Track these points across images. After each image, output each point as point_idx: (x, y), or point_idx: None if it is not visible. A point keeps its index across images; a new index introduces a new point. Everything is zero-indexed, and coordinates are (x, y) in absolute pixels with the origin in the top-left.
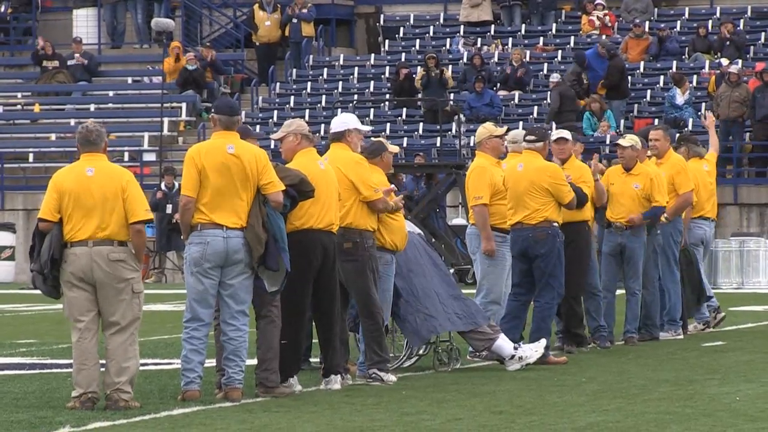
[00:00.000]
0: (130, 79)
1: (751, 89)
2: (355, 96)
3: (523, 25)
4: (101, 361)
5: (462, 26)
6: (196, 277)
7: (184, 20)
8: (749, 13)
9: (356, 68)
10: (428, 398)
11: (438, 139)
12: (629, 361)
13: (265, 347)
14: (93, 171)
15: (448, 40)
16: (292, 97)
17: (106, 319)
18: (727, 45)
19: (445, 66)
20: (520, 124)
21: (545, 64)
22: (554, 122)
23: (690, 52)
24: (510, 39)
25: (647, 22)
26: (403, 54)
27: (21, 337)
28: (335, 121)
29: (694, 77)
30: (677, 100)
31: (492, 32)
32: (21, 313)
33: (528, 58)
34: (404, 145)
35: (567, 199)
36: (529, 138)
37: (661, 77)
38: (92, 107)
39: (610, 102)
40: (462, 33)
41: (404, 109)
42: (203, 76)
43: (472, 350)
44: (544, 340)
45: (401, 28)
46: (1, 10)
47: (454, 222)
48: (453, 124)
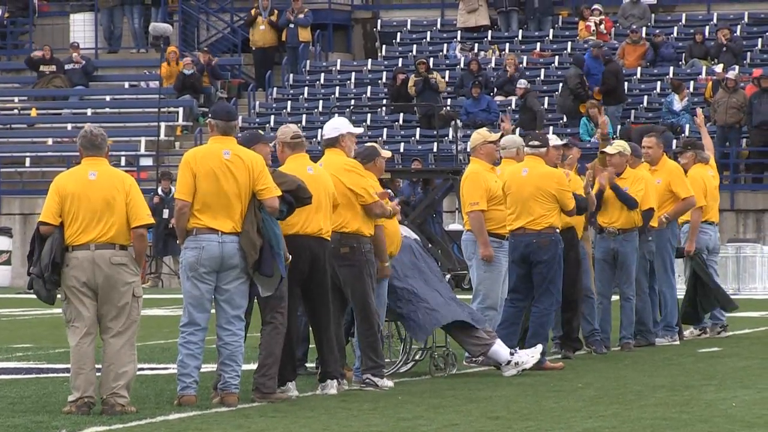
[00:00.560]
0: (127, 84)
1: (748, 95)
2: (352, 101)
3: (520, 31)
4: (98, 366)
5: (459, 32)
6: (192, 282)
7: (181, 25)
8: (746, 19)
9: (353, 73)
10: (425, 403)
11: (435, 144)
12: (626, 367)
13: (266, 353)
14: (95, 175)
15: (445, 45)
16: (289, 102)
17: (105, 322)
18: (724, 51)
19: (441, 71)
20: (518, 130)
21: (542, 70)
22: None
23: (687, 58)
24: (507, 44)
25: (644, 28)
26: (400, 59)
27: (17, 341)
28: (327, 127)
29: (690, 83)
30: (675, 106)
31: (489, 38)
32: (17, 318)
33: (525, 64)
34: (401, 150)
35: (571, 206)
36: (532, 143)
37: (658, 83)
38: (89, 112)
39: (606, 107)
40: (459, 38)
41: (401, 114)
42: (200, 80)
43: (469, 356)
44: (540, 346)
45: (398, 34)
46: None
47: (450, 227)
48: (450, 129)
